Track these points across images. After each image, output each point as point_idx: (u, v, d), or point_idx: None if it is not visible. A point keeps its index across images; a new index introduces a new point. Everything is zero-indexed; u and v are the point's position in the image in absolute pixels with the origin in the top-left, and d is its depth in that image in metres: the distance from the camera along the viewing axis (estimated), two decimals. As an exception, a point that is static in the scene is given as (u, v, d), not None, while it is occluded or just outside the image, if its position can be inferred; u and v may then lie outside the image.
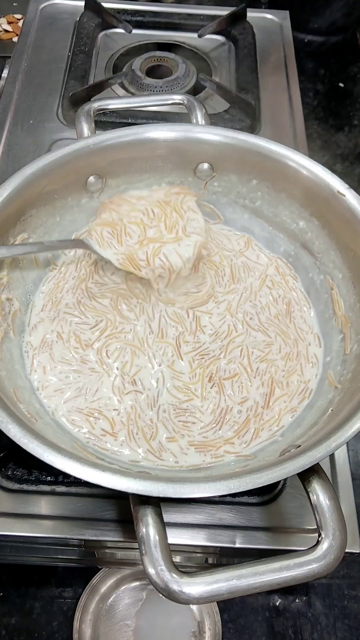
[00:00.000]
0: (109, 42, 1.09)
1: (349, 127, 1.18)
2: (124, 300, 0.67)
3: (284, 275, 0.71)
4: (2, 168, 0.87)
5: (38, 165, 0.63)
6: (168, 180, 0.72)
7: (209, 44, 1.09)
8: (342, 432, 0.48)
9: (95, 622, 0.72)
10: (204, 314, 0.67)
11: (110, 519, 0.61)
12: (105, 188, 0.70)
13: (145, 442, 0.59)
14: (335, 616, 0.74)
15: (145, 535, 0.44)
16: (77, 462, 0.45)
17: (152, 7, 1.13)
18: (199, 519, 0.61)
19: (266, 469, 0.46)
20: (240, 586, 0.43)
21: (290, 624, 0.74)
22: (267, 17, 1.14)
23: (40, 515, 0.61)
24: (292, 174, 0.66)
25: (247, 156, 0.68)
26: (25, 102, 0.96)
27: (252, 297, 0.69)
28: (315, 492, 0.47)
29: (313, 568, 0.44)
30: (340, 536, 0.45)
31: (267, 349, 0.65)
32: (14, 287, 0.65)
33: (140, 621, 0.73)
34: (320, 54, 1.28)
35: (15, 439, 0.46)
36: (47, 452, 0.45)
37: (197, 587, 0.42)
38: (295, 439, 0.56)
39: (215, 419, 0.61)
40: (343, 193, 0.62)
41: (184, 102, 0.74)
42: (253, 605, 0.75)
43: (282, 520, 0.62)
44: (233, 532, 0.61)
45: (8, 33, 1.28)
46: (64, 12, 1.11)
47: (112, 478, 0.45)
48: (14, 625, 0.74)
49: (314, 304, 0.69)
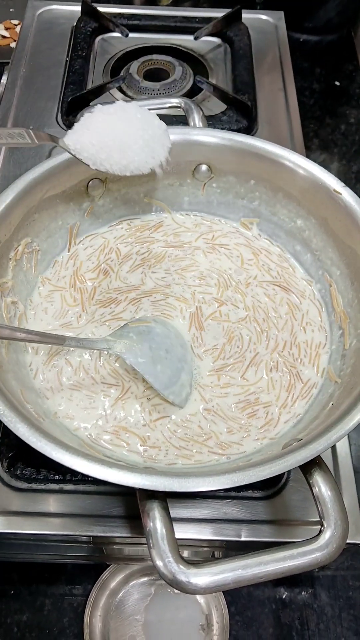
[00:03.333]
0: (106, 46, 1.10)
1: (346, 125, 1.19)
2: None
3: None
4: (4, 173, 0.88)
5: (40, 170, 0.64)
6: (167, 182, 0.73)
7: (205, 46, 1.10)
8: (342, 424, 0.49)
9: (105, 617, 0.73)
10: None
11: (118, 515, 0.62)
12: (106, 192, 0.72)
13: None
14: (341, 607, 0.76)
15: (153, 529, 0.46)
16: (85, 459, 0.46)
17: (148, 10, 1.14)
18: (204, 513, 0.63)
19: (269, 462, 0.47)
20: (246, 576, 0.44)
21: (296, 616, 0.75)
22: (262, 17, 1.15)
23: (49, 513, 0.62)
24: (289, 174, 0.67)
25: (244, 157, 0.69)
26: (24, 108, 0.97)
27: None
28: (317, 483, 0.48)
29: (316, 557, 0.45)
30: (342, 525, 0.46)
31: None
32: (19, 290, 0.66)
33: (149, 615, 0.74)
34: (316, 53, 1.29)
35: (24, 438, 0.47)
36: (55, 450, 0.47)
37: (204, 578, 0.44)
38: (297, 433, 0.57)
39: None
40: (339, 191, 0.64)
41: (182, 106, 0.76)
42: (260, 598, 0.77)
43: (286, 513, 0.63)
44: (238, 526, 0.62)
45: (5, 39, 1.30)
46: (60, 18, 1.13)
47: (119, 474, 0.46)
48: (25, 622, 0.75)
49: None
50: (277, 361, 0.65)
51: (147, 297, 0.69)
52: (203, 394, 0.62)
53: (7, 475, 0.64)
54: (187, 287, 0.70)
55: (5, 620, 0.75)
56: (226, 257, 0.73)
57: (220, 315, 0.68)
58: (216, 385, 0.63)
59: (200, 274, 0.71)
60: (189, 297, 0.69)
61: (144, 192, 0.74)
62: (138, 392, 0.62)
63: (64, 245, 0.72)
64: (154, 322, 0.63)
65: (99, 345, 0.59)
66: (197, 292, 0.70)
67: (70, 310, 0.68)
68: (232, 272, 0.72)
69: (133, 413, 0.61)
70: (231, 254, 0.73)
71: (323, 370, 0.64)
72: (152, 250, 0.73)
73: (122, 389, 0.62)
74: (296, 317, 0.68)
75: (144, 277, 0.71)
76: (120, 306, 0.68)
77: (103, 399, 0.61)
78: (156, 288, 0.70)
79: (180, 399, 0.60)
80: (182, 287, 0.70)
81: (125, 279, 0.71)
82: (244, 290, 0.70)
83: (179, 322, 0.67)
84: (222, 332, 0.66)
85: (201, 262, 0.72)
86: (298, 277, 0.72)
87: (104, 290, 0.70)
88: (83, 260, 0.72)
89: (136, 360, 0.59)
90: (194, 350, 0.65)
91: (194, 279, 0.71)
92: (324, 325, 0.68)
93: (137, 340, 0.60)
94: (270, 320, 0.68)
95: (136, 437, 0.59)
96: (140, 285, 0.70)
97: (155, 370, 0.59)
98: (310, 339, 0.67)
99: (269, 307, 0.69)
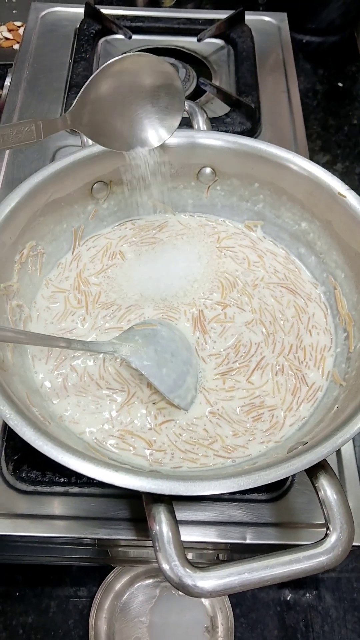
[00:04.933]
0: (110, 48, 1.11)
1: (349, 126, 1.19)
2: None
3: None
4: (8, 176, 0.88)
5: (44, 174, 0.64)
6: (171, 185, 0.73)
7: (208, 48, 1.11)
8: (348, 428, 0.49)
9: (110, 619, 0.74)
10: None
11: (123, 518, 0.62)
12: (110, 194, 0.72)
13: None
14: (345, 609, 0.76)
15: (159, 532, 0.46)
16: (91, 463, 0.47)
17: (151, 12, 1.14)
18: (209, 516, 0.63)
19: (274, 466, 0.47)
20: (252, 579, 0.44)
21: (301, 618, 0.75)
22: (265, 19, 1.16)
23: (55, 516, 0.62)
24: (293, 177, 0.67)
25: (248, 160, 0.69)
26: (28, 110, 0.98)
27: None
28: (323, 487, 0.48)
29: (322, 560, 0.45)
30: (347, 529, 0.46)
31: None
32: (24, 293, 0.66)
33: (154, 617, 0.74)
34: (319, 55, 1.29)
35: (30, 442, 0.48)
36: (61, 453, 0.47)
37: (210, 581, 0.44)
38: (302, 436, 0.57)
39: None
40: (344, 194, 0.64)
41: (186, 108, 0.76)
42: (264, 600, 0.77)
43: (291, 516, 0.63)
44: (243, 529, 0.62)
45: (8, 41, 1.30)
46: (64, 20, 1.13)
47: (125, 477, 0.46)
48: (30, 624, 0.75)
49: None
50: (283, 365, 0.65)
51: (151, 300, 0.69)
52: (208, 397, 0.62)
53: (12, 478, 0.64)
54: (191, 289, 0.70)
55: (10, 622, 0.75)
56: (231, 259, 0.73)
57: (225, 317, 0.68)
58: (221, 388, 0.63)
59: (206, 276, 0.71)
60: (191, 301, 0.69)
61: (148, 194, 0.74)
62: (144, 397, 0.62)
63: (68, 247, 0.73)
64: (160, 325, 0.64)
65: (104, 348, 0.59)
66: (202, 294, 0.70)
67: (75, 312, 0.68)
68: (239, 273, 0.72)
69: (139, 417, 0.61)
70: (237, 256, 0.73)
71: (328, 373, 0.64)
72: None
73: (127, 394, 0.62)
74: (302, 320, 0.68)
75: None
76: (123, 309, 0.68)
77: (109, 404, 0.61)
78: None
79: (185, 402, 0.60)
80: (185, 289, 0.70)
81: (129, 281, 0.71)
82: (251, 292, 0.70)
83: (183, 325, 0.67)
84: (228, 335, 0.66)
85: (206, 264, 0.72)
86: (304, 280, 0.72)
87: (107, 290, 0.70)
88: (86, 262, 0.72)
89: (142, 364, 0.59)
90: (198, 354, 0.65)
91: (199, 282, 0.71)
92: (329, 328, 0.68)
93: (142, 343, 0.60)
94: (277, 322, 0.68)
95: (142, 441, 0.59)
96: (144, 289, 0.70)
97: (160, 373, 0.59)
98: (316, 342, 0.67)
99: (276, 309, 0.69)
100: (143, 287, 0.70)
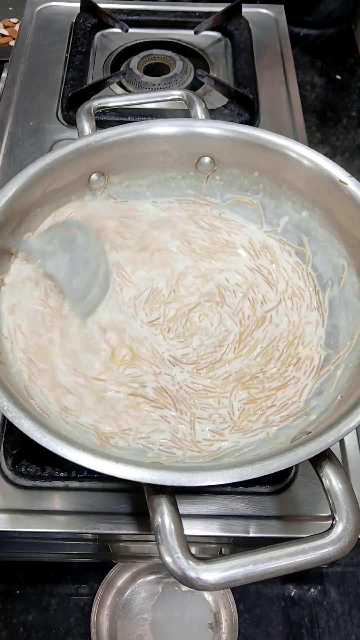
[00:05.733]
0: (106, 42, 1.10)
1: (347, 118, 1.18)
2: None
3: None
4: (5, 170, 0.87)
5: (41, 164, 0.63)
6: (170, 175, 0.72)
7: (206, 41, 1.10)
8: (352, 417, 0.48)
9: (112, 616, 0.73)
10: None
11: (125, 512, 0.61)
12: (107, 185, 0.71)
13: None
14: (351, 604, 0.75)
15: (161, 525, 0.45)
16: (91, 454, 0.45)
17: (148, 5, 1.14)
18: (212, 509, 0.62)
19: (278, 455, 0.46)
20: (256, 571, 0.43)
21: (306, 613, 0.75)
22: (262, 11, 1.15)
23: (55, 511, 0.62)
24: (293, 165, 0.66)
25: (247, 149, 0.68)
26: (25, 105, 0.97)
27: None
28: (328, 476, 0.47)
29: (328, 551, 0.44)
30: (354, 519, 0.45)
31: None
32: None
33: (156, 614, 0.73)
34: (317, 47, 1.28)
35: (28, 434, 0.47)
36: (60, 445, 0.46)
37: (213, 574, 0.43)
38: (306, 426, 0.57)
39: None
40: (345, 181, 0.63)
41: (183, 98, 0.75)
42: (268, 596, 0.76)
43: (294, 508, 0.62)
44: (246, 522, 0.61)
45: (4, 37, 1.29)
46: (60, 14, 1.12)
47: (125, 469, 0.45)
48: (31, 622, 0.74)
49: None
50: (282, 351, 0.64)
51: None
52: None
53: (11, 473, 0.63)
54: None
55: (11, 620, 0.74)
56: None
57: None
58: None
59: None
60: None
61: (146, 185, 0.73)
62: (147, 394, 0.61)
63: (65, 240, 0.72)
64: (78, 230, 0.65)
65: (24, 245, 0.62)
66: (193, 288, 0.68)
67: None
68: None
69: (141, 411, 0.60)
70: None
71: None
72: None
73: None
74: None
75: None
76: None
77: (110, 399, 0.60)
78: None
79: (86, 312, 0.62)
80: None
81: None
82: None
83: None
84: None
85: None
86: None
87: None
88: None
89: (56, 272, 0.61)
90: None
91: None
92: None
93: (60, 248, 0.62)
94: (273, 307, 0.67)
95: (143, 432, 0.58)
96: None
97: (71, 283, 0.61)
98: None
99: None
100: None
